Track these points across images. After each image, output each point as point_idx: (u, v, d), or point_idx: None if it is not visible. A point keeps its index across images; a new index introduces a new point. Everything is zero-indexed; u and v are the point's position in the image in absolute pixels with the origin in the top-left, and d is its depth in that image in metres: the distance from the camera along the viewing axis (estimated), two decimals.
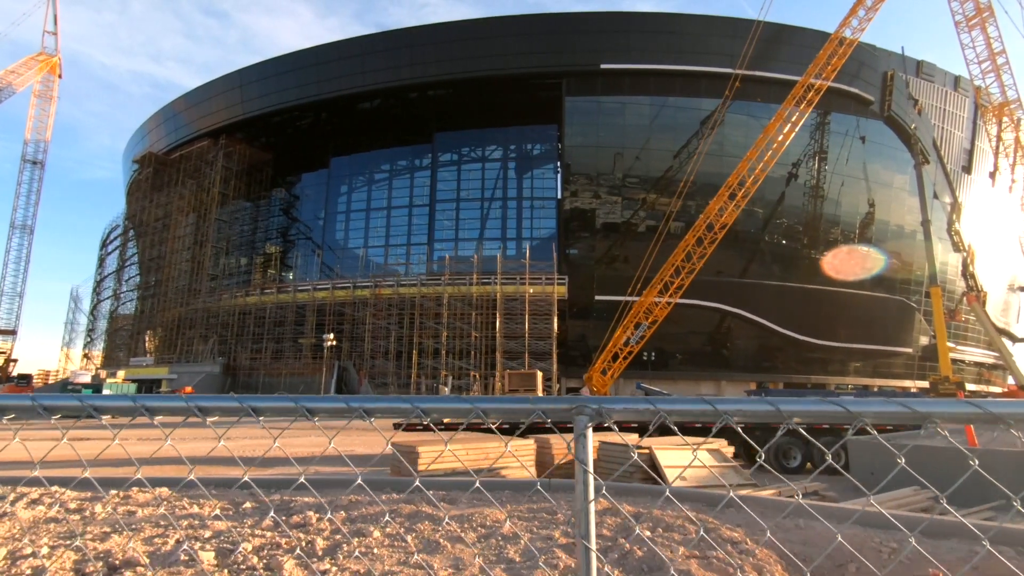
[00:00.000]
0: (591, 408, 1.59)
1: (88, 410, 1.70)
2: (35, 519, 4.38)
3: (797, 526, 3.83)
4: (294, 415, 1.73)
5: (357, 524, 3.99)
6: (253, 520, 4.22)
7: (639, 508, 4.32)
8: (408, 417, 1.78)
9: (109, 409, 1.71)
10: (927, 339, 51.69)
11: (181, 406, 1.68)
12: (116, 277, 67.10)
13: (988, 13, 43.60)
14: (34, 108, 62.66)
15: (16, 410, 1.69)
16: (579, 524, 1.49)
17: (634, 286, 40.73)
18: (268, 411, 1.73)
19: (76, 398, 1.70)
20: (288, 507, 4.65)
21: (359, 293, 49.43)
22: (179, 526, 4.02)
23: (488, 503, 4.40)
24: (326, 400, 1.80)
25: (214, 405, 1.72)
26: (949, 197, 52.35)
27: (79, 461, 1.90)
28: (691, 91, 49.18)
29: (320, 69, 54.87)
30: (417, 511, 4.27)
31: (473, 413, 1.76)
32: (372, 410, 1.78)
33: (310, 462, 13.89)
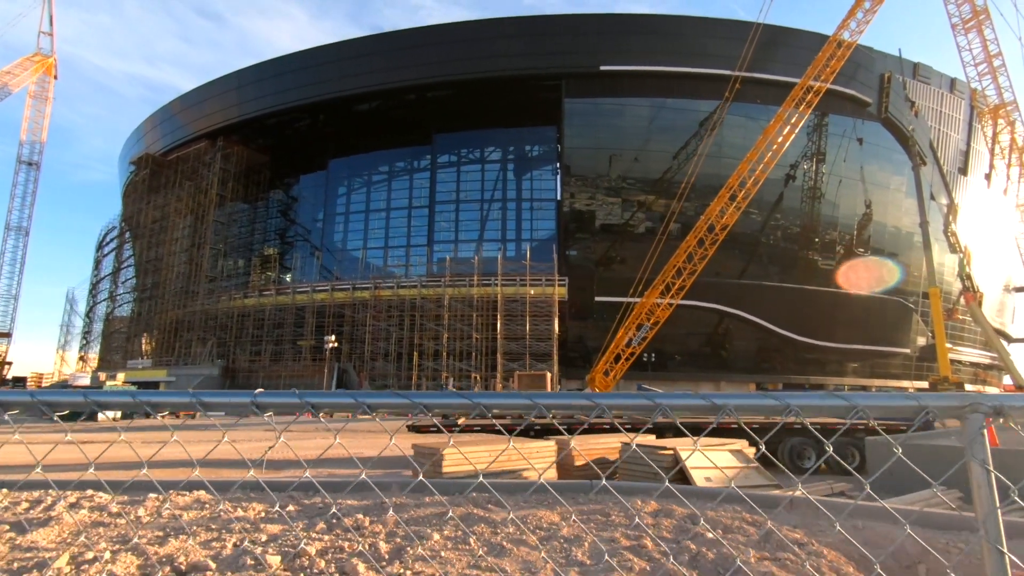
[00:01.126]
0: (987, 406, 1.51)
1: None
2: (80, 522, 4.34)
3: (855, 527, 3.84)
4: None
5: (411, 527, 3.97)
6: (303, 523, 4.19)
7: (689, 509, 4.32)
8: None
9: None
10: (924, 340, 52.04)
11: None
12: (112, 279, 66.67)
13: (984, 16, 43.98)
14: (29, 109, 62.28)
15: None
16: (987, 528, 1.40)
17: (635, 287, 40.80)
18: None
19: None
20: (333, 510, 4.62)
21: (358, 295, 49.27)
22: (232, 529, 3.98)
23: (536, 505, 4.38)
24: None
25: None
26: (946, 198, 52.78)
27: (86, 464, 1.86)
28: (689, 93, 49.37)
29: (318, 70, 54.77)
30: (469, 513, 4.25)
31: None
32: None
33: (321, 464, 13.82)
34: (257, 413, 1.59)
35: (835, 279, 50.15)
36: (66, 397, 1.61)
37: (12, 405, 1.59)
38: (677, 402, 1.72)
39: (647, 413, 1.74)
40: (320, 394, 1.71)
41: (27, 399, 1.59)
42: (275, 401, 1.70)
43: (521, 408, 1.71)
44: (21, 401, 1.60)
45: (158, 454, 2.50)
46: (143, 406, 1.60)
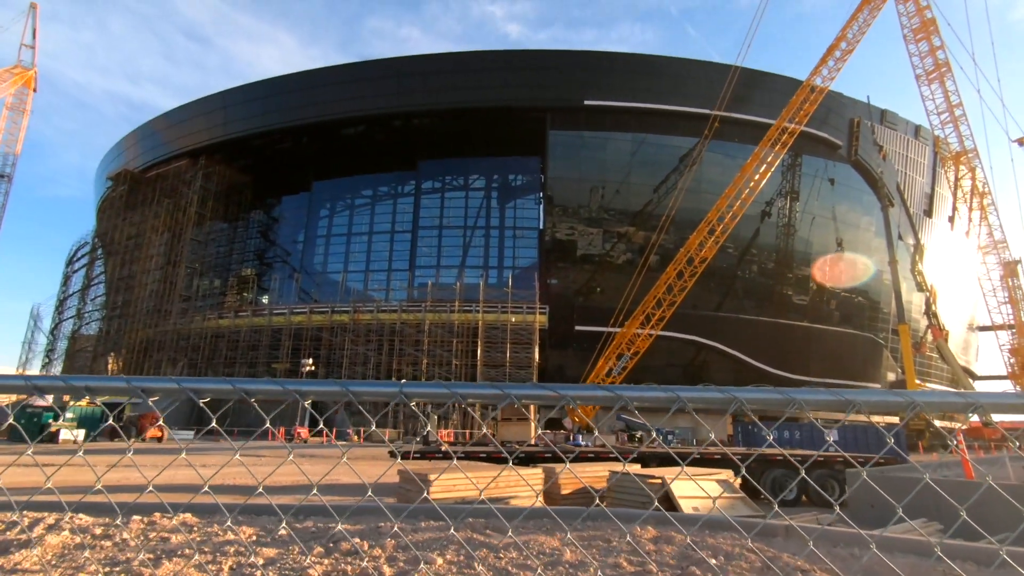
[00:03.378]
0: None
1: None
2: (64, 545, 4.17)
3: (852, 555, 3.91)
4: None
5: (412, 551, 3.91)
6: (299, 547, 4.10)
7: (691, 536, 4.34)
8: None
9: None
10: (894, 375, 53.30)
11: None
12: (81, 296, 64.77)
13: (946, 68, 46.56)
14: (5, 120, 61.09)
15: None
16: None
17: (616, 317, 41.16)
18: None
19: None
20: (327, 534, 4.53)
21: (337, 318, 48.67)
22: (227, 552, 3.87)
23: (536, 530, 4.36)
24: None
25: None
26: (912, 239, 54.84)
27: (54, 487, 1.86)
28: (670, 129, 50.88)
29: (305, 94, 55.07)
30: (469, 538, 4.20)
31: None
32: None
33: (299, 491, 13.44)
34: (299, 399, 1.63)
35: (813, 277, 51.29)
36: (161, 383, 1.63)
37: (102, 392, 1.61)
38: (640, 394, 1.75)
39: (611, 402, 1.77)
40: (307, 383, 1.75)
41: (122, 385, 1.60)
42: (262, 388, 1.74)
43: (491, 398, 1.75)
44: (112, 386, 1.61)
45: (128, 479, 2.43)
46: (186, 392, 1.62)
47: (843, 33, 44.56)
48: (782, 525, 4.42)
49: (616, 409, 1.78)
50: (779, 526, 4.46)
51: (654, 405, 1.77)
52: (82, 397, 1.78)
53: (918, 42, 47.40)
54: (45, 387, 1.60)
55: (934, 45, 46.94)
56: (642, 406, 1.77)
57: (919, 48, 47.54)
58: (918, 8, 46.65)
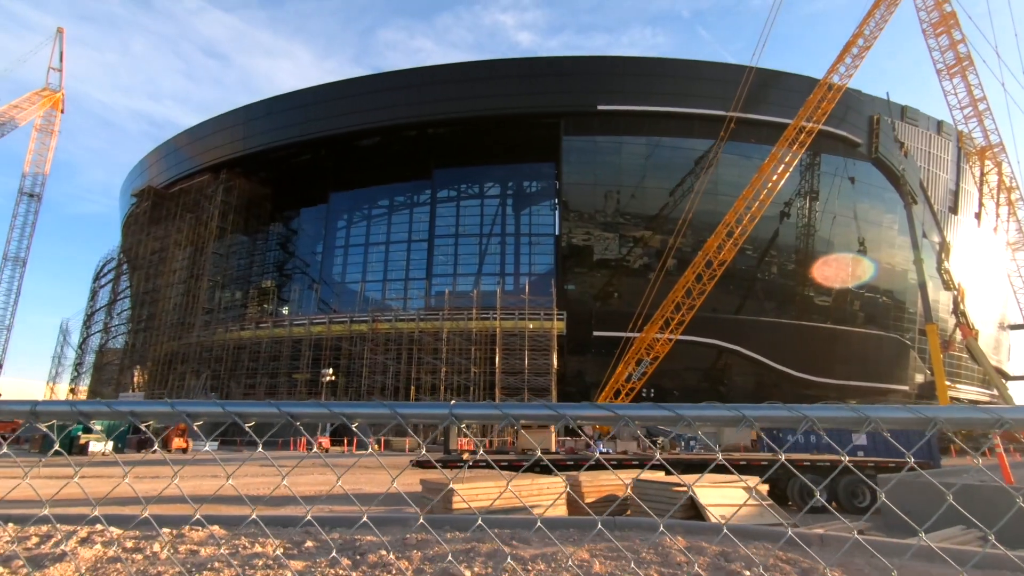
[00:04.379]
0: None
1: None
2: (96, 558, 4.23)
3: (894, 565, 3.78)
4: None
5: (438, 563, 3.89)
6: (326, 560, 4.10)
7: (722, 547, 4.25)
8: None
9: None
10: (923, 377, 52.01)
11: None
12: (107, 310, 66.25)
13: (968, 62, 45.59)
14: (34, 142, 63.06)
15: None
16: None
17: (634, 322, 40.85)
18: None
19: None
20: (354, 546, 4.52)
21: (356, 328, 49.05)
22: (255, 565, 3.89)
23: (563, 541, 4.30)
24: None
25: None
26: (938, 237, 53.60)
27: (83, 499, 1.86)
28: (684, 132, 50.57)
29: (322, 107, 55.93)
30: (496, 550, 4.17)
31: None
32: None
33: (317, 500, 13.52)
34: (347, 423, 1.62)
35: (812, 277, 50.37)
36: (206, 407, 1.64)
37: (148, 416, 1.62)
38: (639, 413, 1.69)
39: (612, 423, 1.71)
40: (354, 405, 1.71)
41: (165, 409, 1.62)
42: (308, 411, 1.71)
43: (546, 419, 1.71)
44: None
45: (155, 490, 2.44)
46: (231, 416, 1.62)
47: (860, 30, 43.96)
48: (816, 534, 4.31)
49: None
50: (813, 535, 4.34)
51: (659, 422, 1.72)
52: (126, 422, 1.80)
53: (938, 36, 46.52)
54: (90, 412, 1.63)
55: (955, 39, 46.02)
56: None
57: (939, 42, 46.64)
58: (937, 2, 45.84)
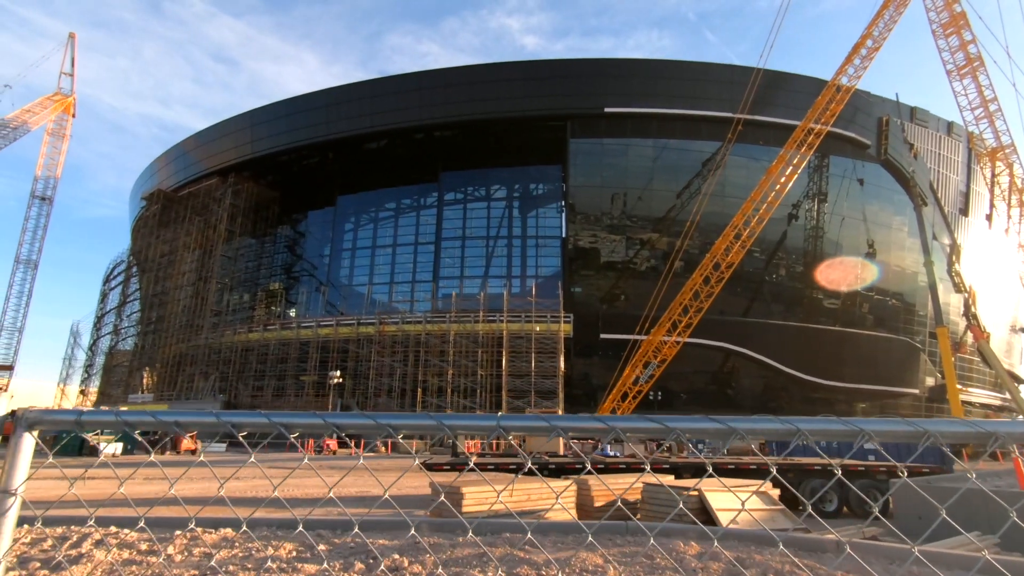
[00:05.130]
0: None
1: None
2: (112, 561, 4.25)
3: (911, 573, 3.74)
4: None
5: (451, 568, 3.88)
6: (340, 563, 4.10)
7: (737, 552, 4.22)
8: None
9: None
10: (933, 380, 51.52)
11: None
12: (117, 313, 66.77)
13: (979, 62, 45.21)
14: (46, 146, 63.72)
15: None
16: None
17: (642, 325, 40.71)
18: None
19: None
20: (367, 549, 4.53)
21: (363, 330, 49.18)
22: (270, 569, 3.90)
23: (576, 546, 4.29)
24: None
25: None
26: (948, 239, 53.15)
27: (96, 500, 1.86)
28: (691, 134, 50.41)
29: (329, 110, 56.19)
30: (510, 554, 4.16)
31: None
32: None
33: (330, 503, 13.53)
34: (392, 435, 1.61)
35: (820, 284, 50.00)
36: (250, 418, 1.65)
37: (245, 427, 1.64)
38: (630, 425, 1.68)
39: (602, 434, 1.70)
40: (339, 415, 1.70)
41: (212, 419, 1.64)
42: (352, 422, 1.70)
43: (595, 431, 1.70)
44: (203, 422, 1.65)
45: (164, 492, 2.44)
46: (276, 427, 1.62)
47: (869, 31, 43.69)
48: (832, 540, 4.27)
49: None
50: (829, 541, 4.31)
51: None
52: (173, 432, 1.82)
53: (948, 37, 46.16)
54: (135, 422, 1.65)
55: (965, 39, 45.65)
56: None
57: (949, 43, 46.28)
58: (947, 2, 45.50)
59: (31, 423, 1.59)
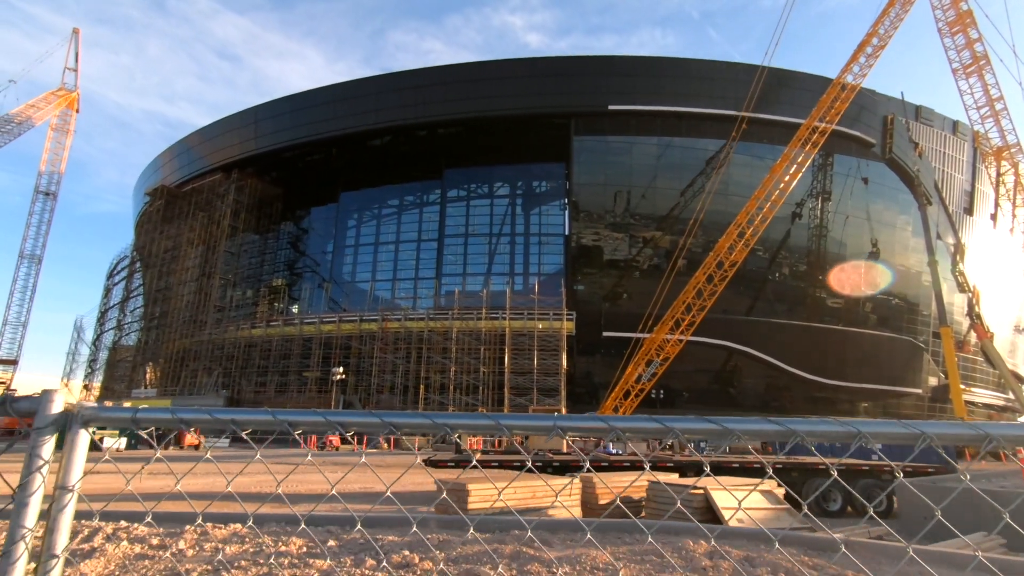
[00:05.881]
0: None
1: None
2: (124, 555, 4.28)
3: (920, 573, 3.75)
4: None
5: (462, 565, 3.90)
6: (351, 559, 4.12)
7: (746, 551, 4.23)
8: None
9: None
10: (936, 380, 51.40)
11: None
12: (121, 308, 66.96)
13: (984, 61, 44.99)
14: (50, 141, 63.87)
15: None
16: None
17: (645, 323, 40.69)
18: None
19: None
20: (377, 546, 4.54)
21: (366, 327, 49.25)
22: (281, 564, 3.92)
23: (584, 544, 4.30)
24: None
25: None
26: (952, 238, 52.96)
27: (103, 495, 1.87)
28: (696, 132, 50.27)
29: (333, 107, 56.16)
30: (518, 551, 4.17)
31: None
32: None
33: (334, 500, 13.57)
34: (450, 434, 1.62)
35: (829, 284, 49.91)
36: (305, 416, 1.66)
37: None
38: (628, 425, 1.67)
39: (601, 434, 1.70)
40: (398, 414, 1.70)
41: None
42: (357, 420, 1.71)
43: (654, 432, 1.69)
44: None
45: (170, 487, 2.45)
46: (334, 426, 1.63)
47: (874, 29, 43.50)
48: (841, 540, 4.27)
49: None
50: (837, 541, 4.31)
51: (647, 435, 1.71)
52: (229, 430, 1.80)
53: (954, 35, 45.93)
54: (191, 420, 1.66)
55: (971, 38, 45.42)
56: None
57: (955, 41, 46.06)
58: (953, 0, 45.26)
59: (86, 420, 1.60)
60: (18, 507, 1.50)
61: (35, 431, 1.55)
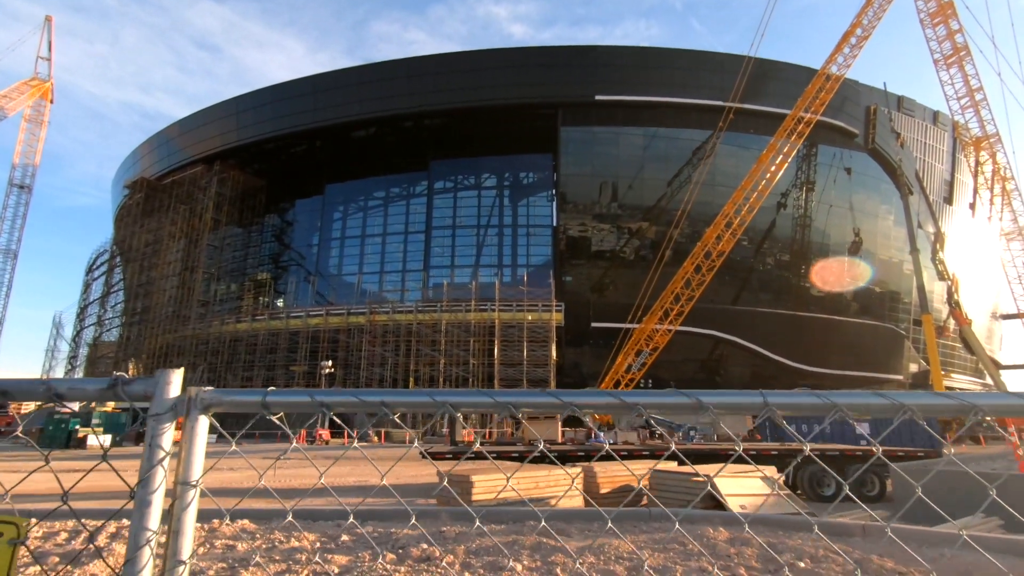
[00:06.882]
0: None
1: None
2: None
3: (941, 555, 3.78)
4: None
5: (484, 557, 3.84)
6: (368, 554, 4.05)
7: (767, 538, 4.23)
8: None
9: None
10: (916, 367, 52.52)
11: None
12: (101, 303, 65.66)
13: (965, 52, 45.67)
14: (24, 132, 62.09)
15: None
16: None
17: (633, 313, 40.92)
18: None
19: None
20: (391, 540, 4.47)
21: (353, 320, 48.87)
22: (299, 560, 3.83)
23: (603, 533, 4.27)
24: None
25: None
26: (932, 227, 53.94)
27: (93, 493, 1.78)
28: (682, 122, 50.44)
29: (316, 98, 55.31)
30: (539, 542, 4.13)
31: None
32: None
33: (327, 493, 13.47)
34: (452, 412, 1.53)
35: (812, 281, 50.65)
36: (339, 397, 1.54)
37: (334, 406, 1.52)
38: (652, 400, 1.60)
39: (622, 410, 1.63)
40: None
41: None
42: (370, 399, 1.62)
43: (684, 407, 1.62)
44: None
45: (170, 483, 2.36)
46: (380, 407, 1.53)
47: (858, 19, 43.88)
48: (858, 525, 4.30)
49: None
50: (855, 525, 4.33)
51: None
52: (381, 412, 1.64)
53: (935, 26, 46.54)
54: (332, 403, 1.49)
55: (952, 29, 46.04)
56: None
57: (936, 32, 46.67)
58: None
59: (206, 405, 1.44)
60: (140, 507, 1.31)
61: (153, 418, 1.38)
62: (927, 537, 4.35)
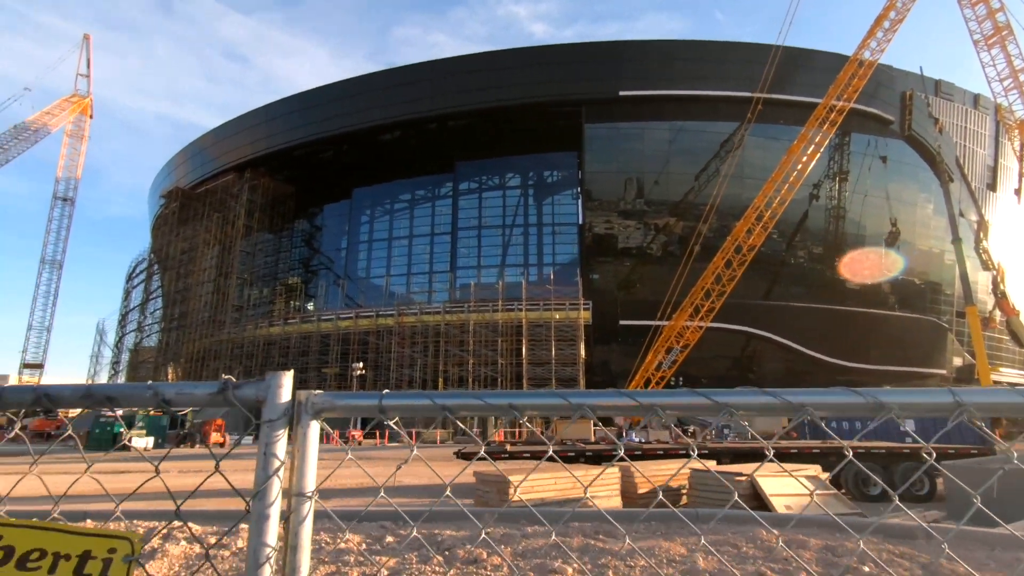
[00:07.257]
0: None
1: None
2: (185, 555, 4.24)
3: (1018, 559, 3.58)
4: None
5: (532, 560, 3.79)
6: (415, 555, 4.04)
7: (824, 540, 4.07)
8: None
9: None
10: (961, 360, 50.55)
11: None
12: (141, 310, 67.87)
13: (1007, 31, 43.74)
14: (66, 147, 64.58)
15: None
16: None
17: (663, 310, 40.38)
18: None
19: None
20: (437, 541, 4.46)
21: (382, 322, 49.43)
22: (348, 563, 3.85)
23: (651, 534, 4.18)
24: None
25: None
26: (975, 215, 51.86)
27: (137, 494, 1.71)
28: (708, 115, 49.58)
29: (343, 103, 56.13)
30: (587, 544, 4.06)
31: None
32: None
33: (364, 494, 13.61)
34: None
35: (842, 274, 49.14)
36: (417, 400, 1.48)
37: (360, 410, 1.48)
38: (739, 400, 1.47)
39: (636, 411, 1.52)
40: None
41: None
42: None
43: None
44: None
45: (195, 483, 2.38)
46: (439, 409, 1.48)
47: (892, 2, 42.42)
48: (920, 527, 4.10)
49: None
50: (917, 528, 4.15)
51: None
52: (509, 416, 1.57)
53: (974, 6, 44.69)
54: (454, 405, 1.42)
55: (992, 8, 44.15)
56: None
57: (976, 12, 44.81)
58: None
59: (318, 410, 1.36)
60: (257, 520, 1.23)
61: (266, 424, 1.29)
62: (992, 539, 4.13)
